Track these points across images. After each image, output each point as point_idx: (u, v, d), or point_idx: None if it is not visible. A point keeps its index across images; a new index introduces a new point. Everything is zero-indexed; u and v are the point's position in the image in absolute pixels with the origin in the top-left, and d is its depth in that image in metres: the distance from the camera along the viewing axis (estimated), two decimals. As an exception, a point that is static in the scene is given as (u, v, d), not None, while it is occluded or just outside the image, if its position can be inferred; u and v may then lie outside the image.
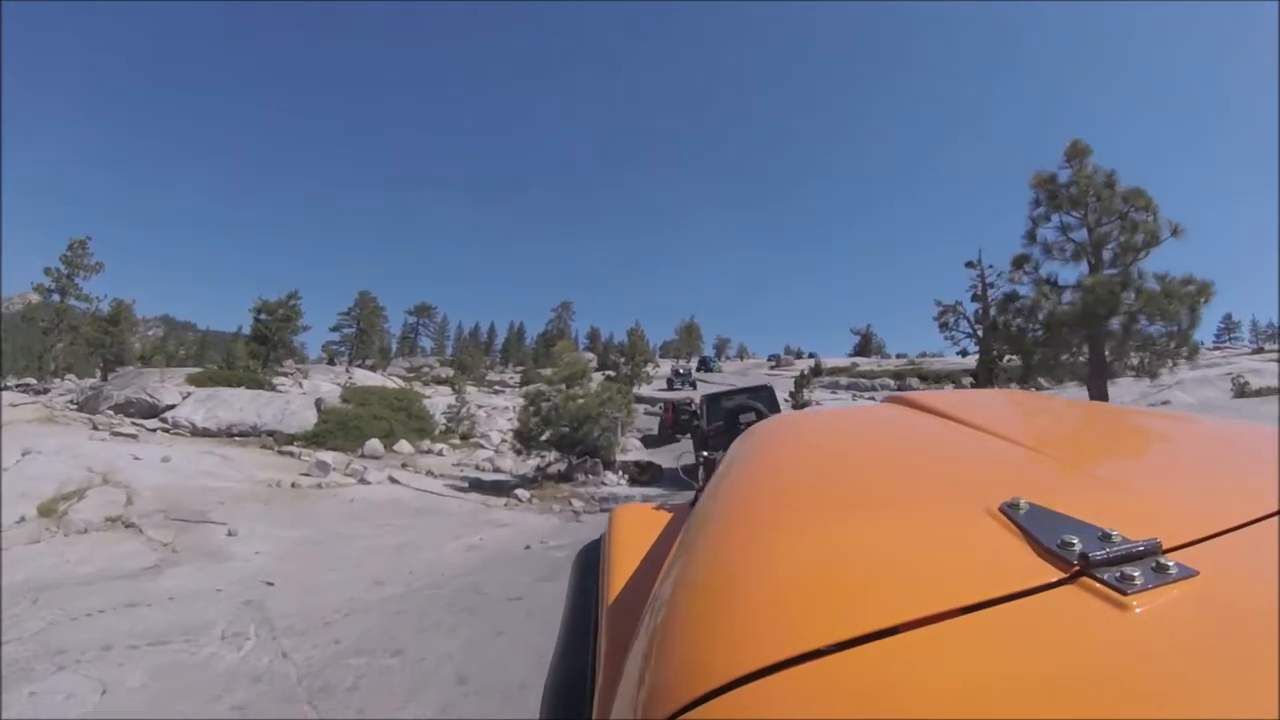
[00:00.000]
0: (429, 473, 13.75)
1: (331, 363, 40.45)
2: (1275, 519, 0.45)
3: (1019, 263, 12.56)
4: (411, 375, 41.46)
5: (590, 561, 0.97)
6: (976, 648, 0.34)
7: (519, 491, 11.01)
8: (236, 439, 17.98)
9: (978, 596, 0.36)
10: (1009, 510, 0.45)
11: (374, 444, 16.11)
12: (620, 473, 13.40)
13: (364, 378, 29.23)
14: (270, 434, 18.27)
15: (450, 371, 46.32)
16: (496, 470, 14.56)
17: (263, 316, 39.96)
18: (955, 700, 0.30)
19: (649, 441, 19.27)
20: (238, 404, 19.71)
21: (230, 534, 7.45)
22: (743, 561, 0.48)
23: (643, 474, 13.53)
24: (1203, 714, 0.29)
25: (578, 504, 10.54)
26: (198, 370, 24.28)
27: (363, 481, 12.00)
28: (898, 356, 55.41)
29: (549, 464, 13.10)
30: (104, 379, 26.48)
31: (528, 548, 7.50)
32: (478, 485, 12.39)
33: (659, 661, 0.40)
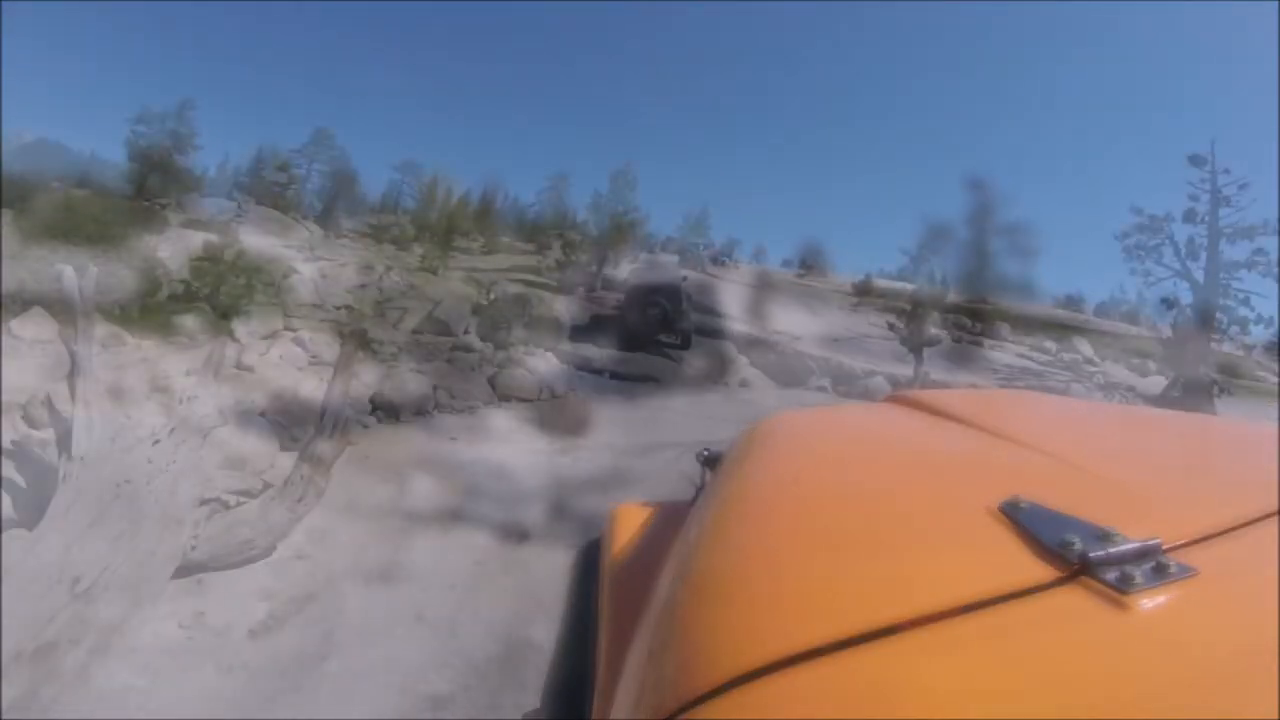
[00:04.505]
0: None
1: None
2: (1274, 519, 0.46)
3: None
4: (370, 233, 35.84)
5: (590, 561, 0.89)
6: (977, 647, 0.34)
7: (319, 448, 6.49)
8: None
9: (978, 596, 0.36)
10: (1009, 509, 0.45)
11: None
12: (515, 403, 8.65)
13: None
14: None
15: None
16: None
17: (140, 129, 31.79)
18: (955, 700, 0.31)
19: (577, 333, 12.08)
20: None
21: None
22: (744, 561, 0.48)
23: (559, 417, 8.24)
24: (1203, 713, 0.29)
25: (421, 487, 6.06)
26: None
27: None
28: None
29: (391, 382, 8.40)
30: None
31: None
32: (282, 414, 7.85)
33: (660, 660, 0.41)
